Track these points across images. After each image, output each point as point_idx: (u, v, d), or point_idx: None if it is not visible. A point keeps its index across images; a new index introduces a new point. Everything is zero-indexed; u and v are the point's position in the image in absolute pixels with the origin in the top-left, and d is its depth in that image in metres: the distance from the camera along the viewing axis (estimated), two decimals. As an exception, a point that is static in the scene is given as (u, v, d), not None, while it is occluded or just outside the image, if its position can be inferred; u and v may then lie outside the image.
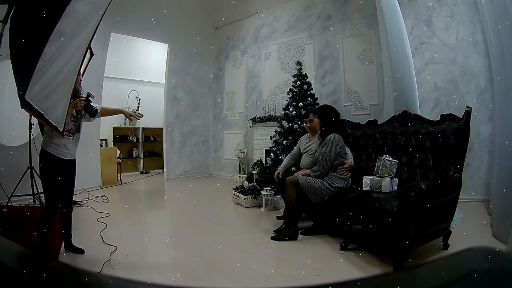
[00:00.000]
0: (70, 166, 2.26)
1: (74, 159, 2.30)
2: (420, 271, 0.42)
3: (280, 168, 2.98)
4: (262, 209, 3.66)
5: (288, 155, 3.11)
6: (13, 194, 3.35)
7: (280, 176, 2.90)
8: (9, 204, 3.30)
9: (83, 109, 2.25)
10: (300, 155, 3.01)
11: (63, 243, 2.35)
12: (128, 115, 2.46)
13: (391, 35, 3.14)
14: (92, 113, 2.28)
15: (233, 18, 6.09)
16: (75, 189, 2.43)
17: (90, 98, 2.27)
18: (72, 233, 2.36)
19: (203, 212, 3.65)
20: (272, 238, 2.66)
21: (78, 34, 1.94)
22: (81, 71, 2.30)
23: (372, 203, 2.22)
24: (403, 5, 3.58)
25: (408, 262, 1.97)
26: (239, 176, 5.29)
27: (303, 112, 3.62)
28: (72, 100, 2.08)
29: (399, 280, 0.40)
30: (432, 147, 2.49)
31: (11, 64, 1.83)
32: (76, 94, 2.20)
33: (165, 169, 5.95)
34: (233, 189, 4.13)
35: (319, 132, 2.85)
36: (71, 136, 2.19)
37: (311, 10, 4.91)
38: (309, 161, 2.84)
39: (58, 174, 2.15)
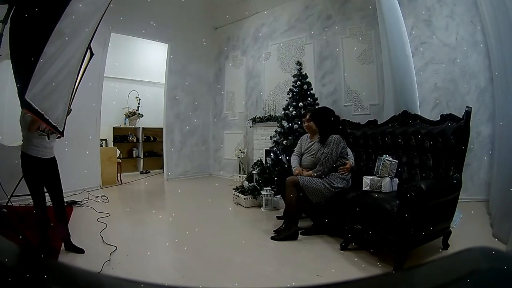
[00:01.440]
0: (52, 164, 2.34)
1: (54, 156, 2.38)
2: (420, 271, 0.42)
3: (297, 167, 2.89)
4: (262, 209, 3.66)
5: (294, 155, 3.04)
6: (13, 194, 3.34)
7: (300, 171, 2.81)
8: (9, 204, 3.29)
9: None
10: (302, 155, 3.01)
11: (63, 243, 2.35)
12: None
13: (391, 35, 3.14)
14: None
15: (233, 18, 6.09)
16: (75, 189, 2.44)
17: None
18: (70, 232, 2.37)
19: (203, 212, 3.65)
20: (272, 238, 2.66)
21: (78, 34, 1.94)
22: (81, 71, 2.31)
23: (372, 203, 2.22)
24: (403, 5, 3.57)
25: (408, 262, 1.97)
26: (239, 176, 5.29)
27: (303, 112, 3.62)
28: None
29: (399, 280, 0.40)
30: (432, 147, 2.49)
31: (11, 64, 1.83)
32: None
33: (165, 169, 5.96)
34: (233, 189, 4.13)
35: (318, 134, 2.85)
36: (45, 135, 2.25)
37: (311, 10, 4.91)
38: (310, 162, 2.84)
39: (43, 173, 2.25)
